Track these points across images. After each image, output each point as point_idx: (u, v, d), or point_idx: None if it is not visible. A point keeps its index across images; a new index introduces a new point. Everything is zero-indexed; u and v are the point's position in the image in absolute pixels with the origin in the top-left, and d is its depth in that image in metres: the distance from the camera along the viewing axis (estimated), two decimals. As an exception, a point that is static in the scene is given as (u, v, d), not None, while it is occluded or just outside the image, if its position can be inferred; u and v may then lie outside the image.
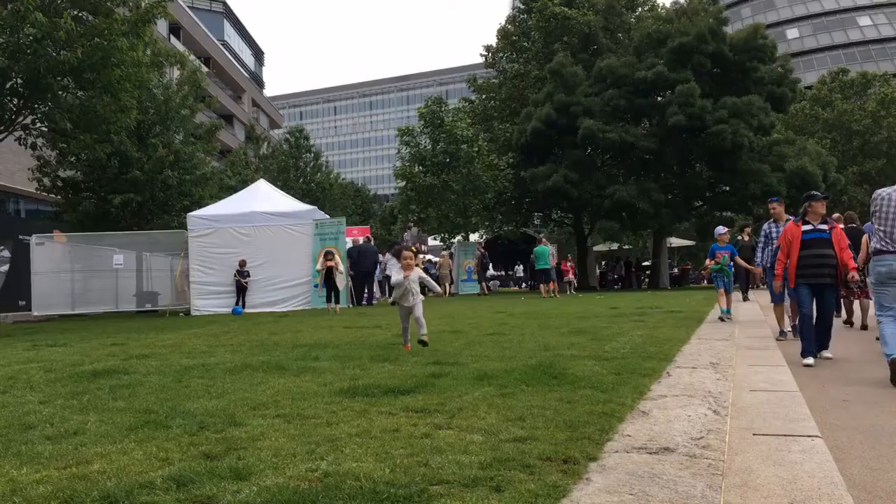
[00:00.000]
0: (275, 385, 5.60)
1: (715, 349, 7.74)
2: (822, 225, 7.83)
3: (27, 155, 18.63)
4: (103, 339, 11.15)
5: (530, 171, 33.46)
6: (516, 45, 40.96)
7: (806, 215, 7.92)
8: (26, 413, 4.77)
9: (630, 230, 38.36)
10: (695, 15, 34.22)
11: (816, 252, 7.70)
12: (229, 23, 66.47)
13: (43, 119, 14.93)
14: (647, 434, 3.83)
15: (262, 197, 21.02)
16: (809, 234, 7.78)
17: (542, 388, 5.11)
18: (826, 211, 8.02)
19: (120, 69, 14.09)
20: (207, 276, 19.26)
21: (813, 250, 7.71)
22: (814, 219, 7.84)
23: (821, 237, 7.74)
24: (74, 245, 20.91)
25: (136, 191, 21.99)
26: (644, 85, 32.55)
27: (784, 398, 5.09)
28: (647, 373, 5.82)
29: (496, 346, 7.98)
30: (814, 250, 7.71)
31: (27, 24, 12.59)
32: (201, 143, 25.99)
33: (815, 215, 7.84)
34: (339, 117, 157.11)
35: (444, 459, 3.27)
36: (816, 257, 7.69)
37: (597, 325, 10.72)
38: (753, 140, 31.69)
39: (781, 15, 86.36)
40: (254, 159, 46.82)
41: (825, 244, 7.70)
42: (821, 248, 7.71)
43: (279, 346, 8.81)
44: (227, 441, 3.78)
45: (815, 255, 7.70)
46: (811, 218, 7.86)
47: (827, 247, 7.69)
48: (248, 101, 64.40)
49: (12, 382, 6.28)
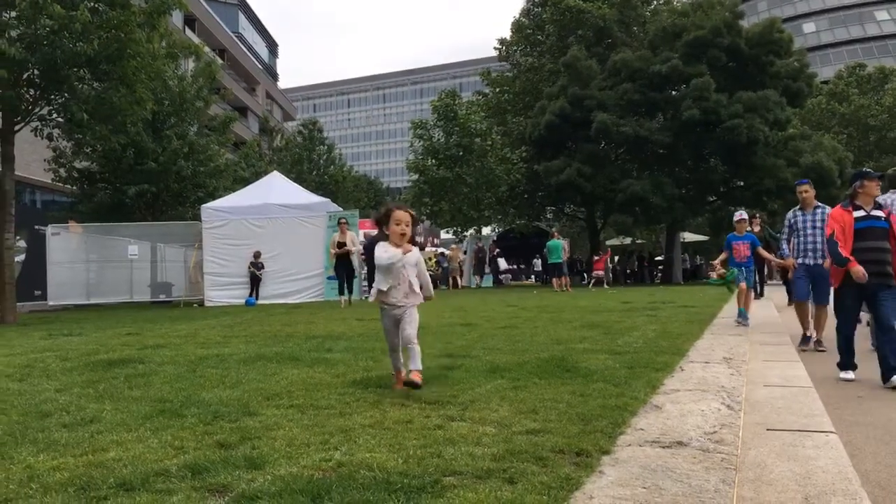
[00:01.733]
0: (288, 376, 5.63)
1: (728, 344, 7.70)
2: (876, 211, 6.39)
3: (43, 146, 18.74)
4: (118, 328, 11.23)
5: (544, 165, 33.40)
6: (530, 38, 40.81)
7: (855, 198, 6.46)
8: (43, 401, 4.82)
9: (643, 224, 38.22)
10: (710, 9, 33.99)
11: (872, 245, 6.22)
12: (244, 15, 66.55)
13: (59, 110, 15.01)
14: (660, 428, 3.82)
15: (275, 189, 21.09)
16: (863, 221, 6.31)
17: (554, 382, 5.11)
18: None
19: (135, 61, 14.14)
20: (221, 268, 19.36)
21: (868, 242, 6.23)
22: (866, 203, 6.40)
23: (877, 226, 6.29)
24: (89, 235, 21.06)
25: (150, 182, 22.10)
26: (658, 79, 32.39)
27: (798, 394, 5.07)
28: (660, 367, 5.80)
29: (508, 340, 7.98)
30: (869, 242, 6.23)
31: (44, 15, 12.65)
32: (215, 135, 26.06)
33: (867, 198, 6.40)
34: (352, 110, 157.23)
35: (457, 451, 3.28)
36: (873, 251, 6.20)
37: (609, 319, 10.69)
38: (769, 135, 31.48)
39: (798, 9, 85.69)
40: (267, 151, 46.98)
41: (882, 235, 6.25)
42: (877, 239, 6.24)
43: (292, 337, 8.84)
44: (241, 430, 3.80)
45: (872, 248, 6.22)
46: (863, 201, 6.40)
47: (884, 238, 6.24)
48: (262, 93, 64.53)
49: (29, 371, 6.34)
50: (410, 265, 4.93)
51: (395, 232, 4.86)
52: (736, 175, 34.26)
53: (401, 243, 4.86)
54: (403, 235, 4.86)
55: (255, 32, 70.82)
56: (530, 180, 35.32)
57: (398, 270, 4.88)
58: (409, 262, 4.91)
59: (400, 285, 4.89)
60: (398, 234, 4.86)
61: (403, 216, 4.88)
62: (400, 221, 4.86)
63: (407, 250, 4.88)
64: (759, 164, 31.87)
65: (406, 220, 4.87)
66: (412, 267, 4.95)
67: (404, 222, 4.87)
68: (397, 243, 4.86)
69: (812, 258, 8.60)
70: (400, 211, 4.90)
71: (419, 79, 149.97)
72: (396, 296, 4.89)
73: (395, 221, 4.87)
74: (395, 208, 4.93)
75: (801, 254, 8.74)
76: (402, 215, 4.88)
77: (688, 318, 10.77)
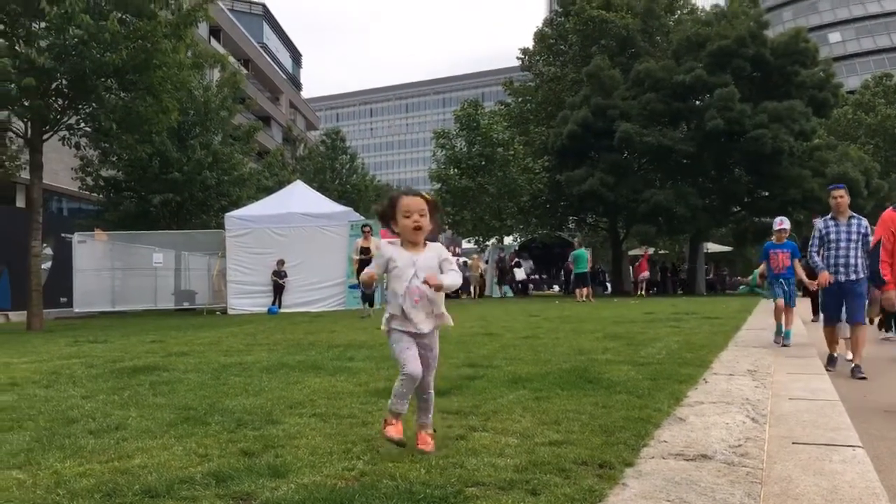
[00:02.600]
0: (311, 384, 5.65)
1: (752, 356, 7.63)
2: None
3: (70, 154, 19.02)
4: (143, 336, 11.34)
5: (566, 175, 33.35)
6: (553, 48, 40.81)
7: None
8: (69, 407, 4.87)
9: (666, 235, 38.01)
10: (735, 18, 33.81)
11: None
12: (268, 25, 67.12)
13: (87, 119, 15.23)
14: (683, 440, 3.80)
15: (298, 198, 21.21)
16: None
17: (577, 393, 5.09)
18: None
19: (162, 71, 14.33)
20: (244, 276, 19.49)
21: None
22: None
23: None
24: (115, 243, 21.31)
25: (175, 191, 22.35)
26: (682, 88, 32.27)
27: (824, 407, 5.01)
28: (684, 379, 5.76)
29: (530, 350, 7.96)
30: None
31: (74, 25, 12.85)
32: (239, 144, 26.31)
33: None
34: (375, 119, 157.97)
35: (480, 461, 3.27)
36: None
37: (632, 329, 10.64)
38: (794, 145, 31.23)
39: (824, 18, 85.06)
40: (291, 160, 47.25)
41: None
42: None
43: (314, 345, 8.88)
44: (264, 439, 3.82)
45: None
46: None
47: None
48: (285, 102, 64.98)
49: (55, 377, 6.42)
50: (430, 268, 3.52)
51: (407, 227, 3.51)
52: (760, 185, 34.00)
53: (417, 240, 3.56)
54: (418, 230, 3.52)
55: (280, 43, 71.39)
56: (552, 190, 35.26)
57: (405, 280, 3.51)
58: (424, 265, 3.52)
59: (417, 302, 3.51)
60: (410, 229, 3.51)
61: (414, 203, 3.52)
62: (410, 211, 3.50)
63: (418, 249, 3.58)
64: (784, 174, 31.61)
65: (419, 208, 3.50)
66: (432, 272, 3.50)
67: (416, 211, 3.50)
68: (413, 240, 3.56)
69: (844, 274, 7.45)
70: (408, 197, 3.55)
71: (442, 88, 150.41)
72: (416, 317, 3.53)
73: (405, 212, 3.51)
74: (402, 194, 3.61)
75: (830, 269, 7.56)
76: (413, 202, 3.52)
77: (711, 330, 10.69)
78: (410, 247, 3.57)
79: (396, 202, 3.57)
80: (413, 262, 3.52)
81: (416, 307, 3.52)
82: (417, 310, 3.52)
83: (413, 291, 3.49)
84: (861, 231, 7.43)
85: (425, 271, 3.48)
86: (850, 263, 7.44)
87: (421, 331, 3.55)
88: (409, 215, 3.51)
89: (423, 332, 3.56)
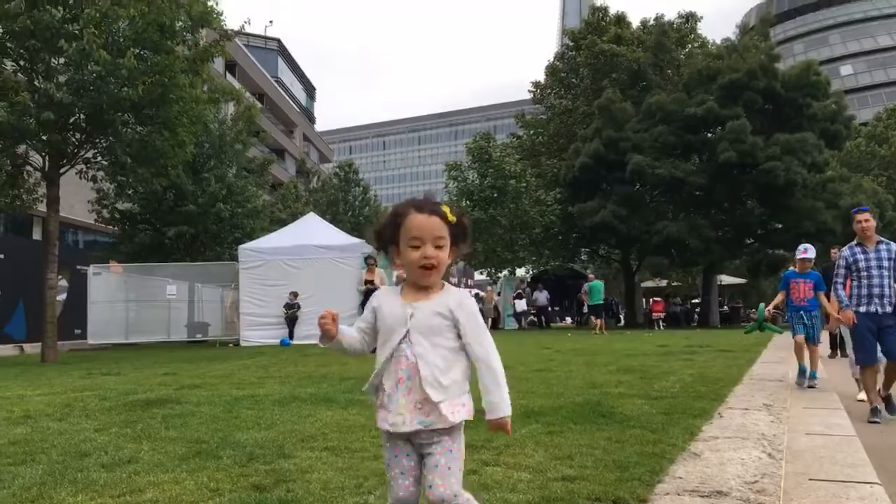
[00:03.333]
0: (323, 417, 5.64)
1: (768, 390, 7.56)
2: None
3: (86, 187, 19.21)
4: (156, 368, 11.35)
5: (578, 207, 33.42)
6: (564, 81, 41.13)
7: None
8: (82, 441, 4.88)
9: (679, 267, 37.90)
10: (745, 51, 34.00)
11: None
12: (283, 60, 67.99)
13: (104, 153, 15.40)
14: (698, 476, 3.76)
15: (311, 230, 21.29)
16: None
17: (590, 427, 5.05)
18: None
19: (179, 105, 14.50)
20: (257, 308, 19.52)
21: None
22: None
23: None
24: (129, 275, 21.44)
25: (190, 223, 22.51)
26: (694, 121, 32.38)
27: (841, 442, 4.95)
28: (698, 413, 5.71)
29: (543, 383, 7.91)
30: None
31: (92, 61, 13.06)
32: (253, 177, 26.52)
33: None
34: (387, 152, 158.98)
35: (492, 497, 3.25)
36: None
37: (645, 363, 10.56)
38: (807, 177, 31.19)
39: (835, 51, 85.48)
40: (304, 193, 47.57)
41: None
42: None
43: (327, 378, 8.86)
44: (276, 473, 3.81)
45: None
46: None
47: None
48: (299, 135, 65.59)
49: (69, 410, 6.43)
50: (425, 332, 2.29)
51: (413, 263, 2.28)
52: (774, 217, 33.91)
53: (428, 283, 2.32)
54: (429, 270, 2.29)
55: (294, 77, 72.24)
56: (564, 222, 35.29)
57: (391, 344, 2.32)
58: (423, 324, 2.29)
59: (400, 384, 2.27)
60: (417, 268, 2.28)
61: (428, 227, 2.28)
62: (421, 239, 2.27)
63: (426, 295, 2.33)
64: (797, 206, 31.55)
65: (434, 235, 2.28)
66: (430, 338, 2.29)
67: (430, 240, 2.27)
68: (420, 283, 2.32)
69: (879, 305, 6.59)
70: (421, 216, 2.29)
71: (454, 121, 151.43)
72: (395, 405, 2.27)
73: (412, 238, 2.28)
74: (412, 207, 2.31)
75: (863, 300, 6.69)
76: (427, 225, 2.28)
77: (726, 363, 10.61)
78: (414, 291, 2.34)
79: (401, 220, 2.30)
80: (407, 316, 2.29)
81: (399, 389, 2.26)
82: (394, 395, 2.26)
83: (399, 364, 2.27)
84: (892, 257, 6.67)
85: (424, 334, 2.27)
86: (885, 294, 6.61)
87: (398, 429, 2.24)
88: (417, 245, 2.26)
89: (403, 432, 2.24)
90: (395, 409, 2.25)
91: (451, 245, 2.33)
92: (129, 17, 13.23)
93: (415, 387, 2.24)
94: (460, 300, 2.33)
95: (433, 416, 2.23)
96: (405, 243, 2.29)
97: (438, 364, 2.25)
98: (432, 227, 2.27)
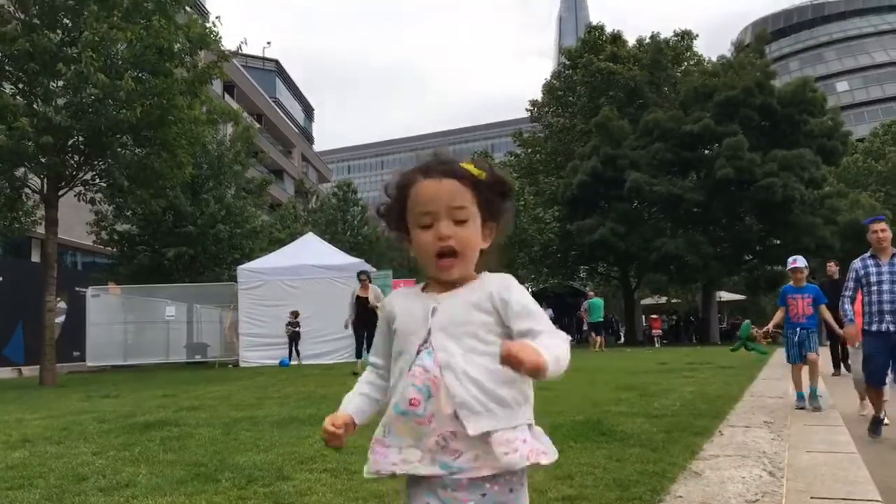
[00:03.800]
0: (321, 439, 5.60)
1: (768, 407, 7.53)
2: None
3: (84, 209, 19.23)
4: (154, 390, 11.31)
5: (576, 224, 33.48)
6: (562, 99, 41.36)
7: None
8: (80, 464, 4.85)
9: (678, 283, 37.92)
10: (741, 69, 34.24)
11: None
12: (281, 80, 68.28)
13: (102, 175, 15.43)
14: (699, 495, 3.74)
15: (310, 250, 21.29)
16: None
17: (590, 445, 5.03)
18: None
19: (177, 126, 14.54)
20: (256, 328, 19.49)
21: None
22: None
23: None
24: (128, 297, 21.41)
25: (188, 244, 22.52)
26: (691, 138, 32.52)
27: (843, 460, 4.93)
28: (699, 431, 5.69)
29: (542, 401, 7.83)
30: None
31: (90, 84, 13.11)
32: (252, 198, 26.57)
33: None
34: (386, 171, 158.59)
35: (492, 518, 3.23)
36: None
37: (645, 380, 10.53)
38: (805, 193, 31.29)
39: (830, 68, 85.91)
40: (303, 213, 47.63)
41: None
42: None
43: (326, 398, 8.82)
44: (275, 495, 3.79)
45: None
46: None
47: None
48: (297, 156, 65.76)
49: (67, 433, 6.40)
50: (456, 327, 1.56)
51: (425, 248, 1.59)
52: (772, 234, 33.99)
53: (447, 276, 1.60)
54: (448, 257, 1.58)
55: (292, 97, 72.52)
56: (563, 240, 35.36)
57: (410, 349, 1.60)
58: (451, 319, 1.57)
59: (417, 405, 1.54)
60: (431, 255, 1.59)
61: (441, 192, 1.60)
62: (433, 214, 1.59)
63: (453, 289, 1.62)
64: (795, 222, 31.61)
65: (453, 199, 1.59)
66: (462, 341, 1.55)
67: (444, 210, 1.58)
68: (437, 277, 1.62)
69: (891, 322, 5.97)
70: (429, 180, 1.62)
71: (452, 140, 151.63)
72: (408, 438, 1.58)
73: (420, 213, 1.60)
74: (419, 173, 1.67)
75: (874, 318, 6.08)
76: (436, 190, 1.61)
77: (726, 380, 10.58)
78: (436, 288, 1.65)
79: (407, 191, 1.66)
80: (428, 312, 1.60)
81: (410, 415, 1.55)
82: (408, 418, 1.56)
83: (414, 379, 1.56)
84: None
85: (453, 336, 1.55)
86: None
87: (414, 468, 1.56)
88: (429, 223, 1.59)
89: (420, 475, 1.55)
90: (409, 443, 1.55)
91: (485, 216, 1.62)
92: (127, 40, 13.29)
93: (437, 413, 1.51)
94: (507, 283, 1.60)
95: (467, 456, 1.49)
96: (414, 223, 1.61)
97: (477, 377, 1.51)
98: (447, 193, 1.58)
